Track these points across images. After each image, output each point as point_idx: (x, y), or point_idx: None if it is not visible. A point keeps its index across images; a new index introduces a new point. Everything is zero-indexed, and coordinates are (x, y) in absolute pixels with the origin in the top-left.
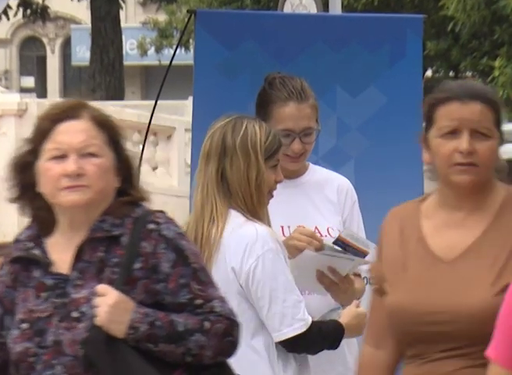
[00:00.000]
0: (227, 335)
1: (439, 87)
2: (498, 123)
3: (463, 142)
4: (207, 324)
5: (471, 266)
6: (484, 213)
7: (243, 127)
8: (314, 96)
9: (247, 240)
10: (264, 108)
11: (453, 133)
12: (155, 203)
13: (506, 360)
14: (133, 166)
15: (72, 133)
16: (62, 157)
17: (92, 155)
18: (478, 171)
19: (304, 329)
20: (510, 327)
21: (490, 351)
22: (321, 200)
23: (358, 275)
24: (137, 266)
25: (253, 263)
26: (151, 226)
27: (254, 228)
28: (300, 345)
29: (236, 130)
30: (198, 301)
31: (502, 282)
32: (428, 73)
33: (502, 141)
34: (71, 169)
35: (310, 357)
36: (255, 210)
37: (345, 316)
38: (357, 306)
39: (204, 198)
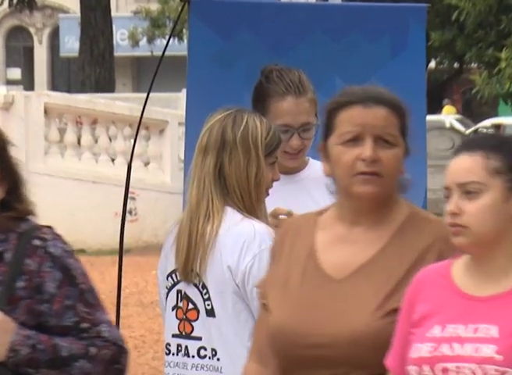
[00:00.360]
0: (114, 362)
1: (340, 91)
2: (403, 131)
3: (366, 149)
4: (93, 350)
5: (359, 285)
6: (383, 230)
7: (244, 121)
8: (313, 89)
9: (244, 237)
10: (261, 103)
11: (355, 140)
12: (148, 200)
13: (397, 368)
14: (20, 176)
15: None
16: None
17: None
18: (382, 182)
19: None
20: (402, 334)
21: (387, 360)
22: (321, 196)
23: None
24: (20, 284)
25: (249, 262)
26: (37, 242)
27: (252, 225)
28: None
29: (236, 123)
30: (84, 325)
31: (390, 305)
32: (432, 64)
33: (408, 151)
34: None
35: None
36: (253, 208)
37: None
38: None
39: (200, 194)
